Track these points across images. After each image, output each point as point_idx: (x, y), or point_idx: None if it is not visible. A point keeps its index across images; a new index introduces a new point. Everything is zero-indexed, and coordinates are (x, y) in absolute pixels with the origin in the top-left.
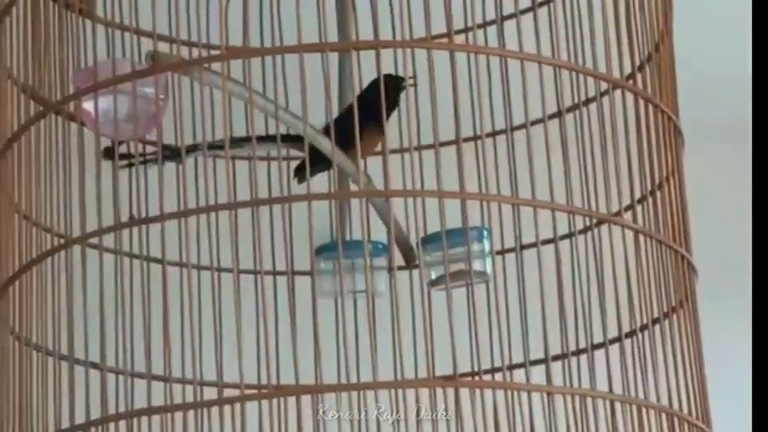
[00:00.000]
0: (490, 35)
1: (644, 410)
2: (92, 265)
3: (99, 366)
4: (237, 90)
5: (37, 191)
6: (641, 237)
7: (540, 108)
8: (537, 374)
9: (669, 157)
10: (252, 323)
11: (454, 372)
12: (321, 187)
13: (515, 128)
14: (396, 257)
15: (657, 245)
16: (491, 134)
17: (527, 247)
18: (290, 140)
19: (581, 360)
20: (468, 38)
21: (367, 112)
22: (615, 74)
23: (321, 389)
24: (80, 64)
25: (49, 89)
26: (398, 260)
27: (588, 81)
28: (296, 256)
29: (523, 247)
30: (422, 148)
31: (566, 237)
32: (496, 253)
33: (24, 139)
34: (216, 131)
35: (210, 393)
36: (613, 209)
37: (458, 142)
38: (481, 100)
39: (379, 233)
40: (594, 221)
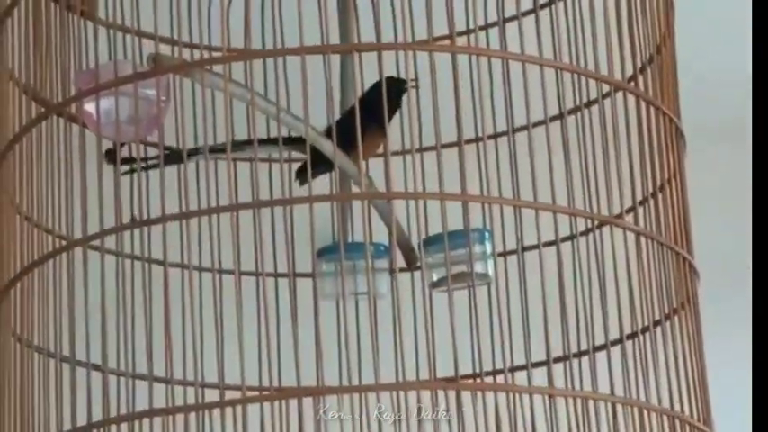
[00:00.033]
0: (492, 37)
1: (645, 412)
2: (93, 267)
3: (100, 368)
4: (239, 92)
5: (38, 192)
6: (643, 239)
7: (542, 110)
8: (538, 376)
9: (671, 159)
10: (253, 325)
11: (456, 374)
12: (323, 189)
13: (517, 130)
14: (397, 259)
15: (659, 247)
16: (493, 136)
17: (528, 249)
18: (292, 143)
19: (582, 362)
20: (469, 40)
21: (369, 114)
22: (617, 76)
23: (323, 391)
24: (82, 65)
25: (51, 91)
26: (400, 262)
27: (590, 83)
28: (297, 258)
29: (525, 249)
30: (423, 150)
31: (567, 239)
32: (498, 255)
33: (26, 141)
34: (217, 133)
35: (212, 395)
36: (615, 211)
37: (459, 144)
38: (483, 102)
39: (380, 235)
40: (596, 223)
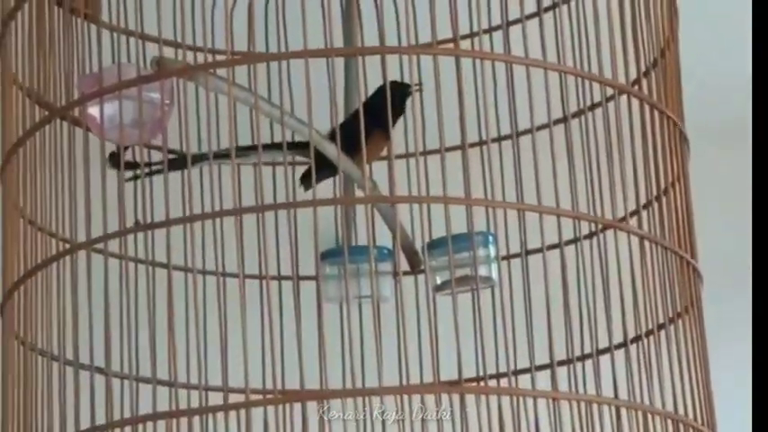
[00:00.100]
0: (496, 41)
1: (649, 416)
2: (97, 270)
3: (104, 371)
4: (243, 95)
5: (42, 196)
6: (646, 242)
7: (546, 113)
8: (542, 380)
9: (674, 163)
10: (257, 328)
11: (459, 377)
12: (327, 193)
13: (521, 133)
14: (401, 262)
15: (663, 250)
16: (497, 140)
17: (532, 253)
18: (296, 147)
19: (586, 365)
20: (473, 43)
21: (373, 118)
22: (621, 79)
23: (326, 394)
24: (85, 69)
25: (55, 94)
26: (404, 265)
27: (594, 86)
28: (301, 261)
29: (529, 253)
30: (427, 154)
31: (571, 242)
32: (502, 258)
33: (29, 144)
34: (221, 137)
35: (216, 398)
36: (619, 214)
37: (463, 148)
38: (487, 105)
39: (384, 238)
40: (600, 227)
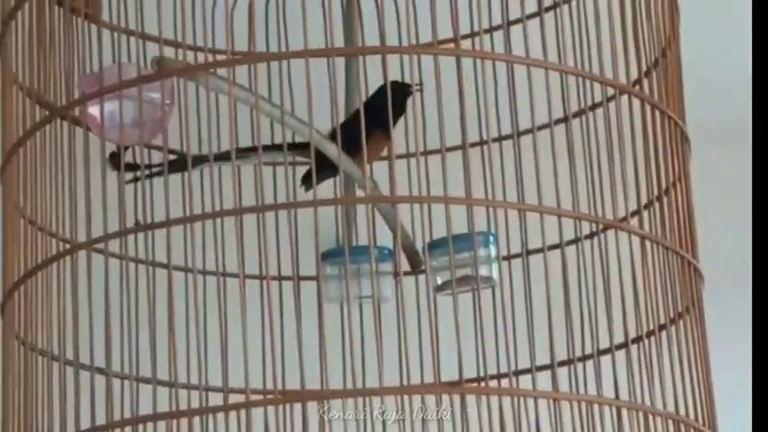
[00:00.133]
0: (497, 40)
1: (650, 417)
2: (97, 271)
3: (104, 372)
4: (243, 95)
5: (42, 196)
6: (648, 242)
7: (547, 113)
8: (543, 380)
9: (675, 163)
10: (257, 328)
11: (460, 377)
12: (327, 193)
13: (522, 133)
14: (402, 263)
15: (664, 250)
16: (497, 139)
17: (533, 253)
18: (296, 148)
19: (587, 366)
20: (474, 43)
21: (373, 118)
22: (622, 79)
23: (327, 394)
24: (85, 69)
25: (55, 94)
26: (404, 265)
27: (595, 86)
28: (302, 262)
29: (530, 253)
30: (428, 154)
31: (572, 242)
32: (503, 258)
33: (30, 144)
34: (222, 137)
35: (216, 399)
36: (620, 214)
37: (464, 148)
38: (487, 105)
39: (384, 238)
40: (601, 227)
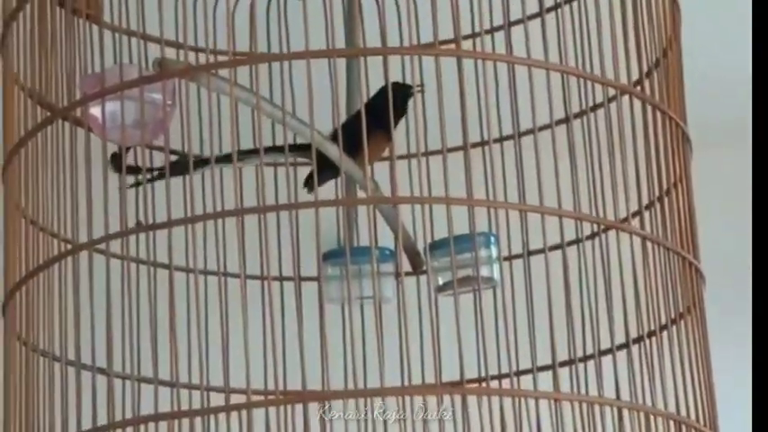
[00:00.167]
0: (498, 41)
1: (651, 417)
2: (98, 271)
3: (106, 372)
4: (245, 96)
5: (44, 196)
6: (649, 243)
7: (548, 114)
8: (544, 381)
9: (677, 164)
10: (259, 329)
11: (461, 378)
12: (328, 193)
13: (523, 134)
14: (403, 263)
15: (665, 251)
16: (498, 140)
17: (534, 253)
18: (298, 149)
19: (588, 366)
20: (475, 44)
21: (374, 119)
22: (623, 80)
23: (328, 395)
24: (87, 69)
25: (56, 95)
26: (406, 266)
27: (596, 87)
28: (303, 262)
29: (531, 253)
30: (429, 154)
31: (573, 243)
32: (504, 259)
33: (31, 145)
34: (223, 137)
35: (217, 399)
36: (621, 215)
37: (465, 148)
38: (489, 106)
39: (386, 239)
40: (602, 228)
